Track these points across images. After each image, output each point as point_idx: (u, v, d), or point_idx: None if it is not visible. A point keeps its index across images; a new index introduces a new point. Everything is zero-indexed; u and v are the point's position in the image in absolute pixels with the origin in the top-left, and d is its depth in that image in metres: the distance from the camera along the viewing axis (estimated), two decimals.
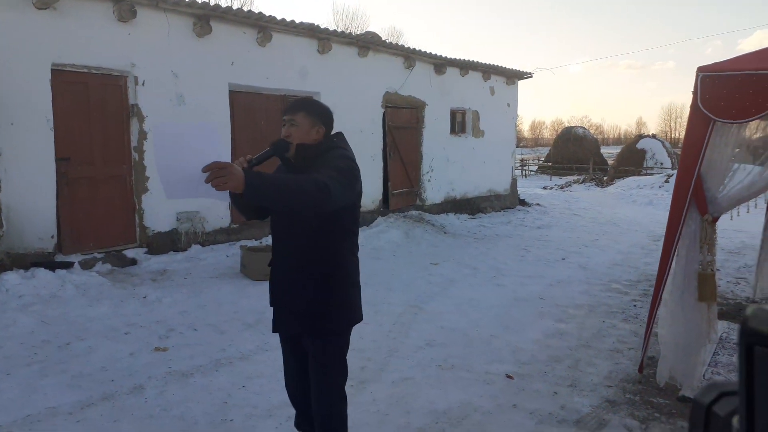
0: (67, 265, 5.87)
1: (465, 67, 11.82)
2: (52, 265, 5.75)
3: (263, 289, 3.00)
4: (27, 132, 6.00)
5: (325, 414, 2.42)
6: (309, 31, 8.61)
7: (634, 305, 5.49)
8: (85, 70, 6.55)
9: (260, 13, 7.96)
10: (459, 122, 12.31)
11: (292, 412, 2.67)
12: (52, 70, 6.23)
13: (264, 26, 8.01)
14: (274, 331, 2.49)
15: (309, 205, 2.07)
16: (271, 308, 2.49)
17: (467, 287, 6.09)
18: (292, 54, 8.60)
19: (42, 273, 5.48)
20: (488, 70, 12.53)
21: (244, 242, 7.55)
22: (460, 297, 5.68)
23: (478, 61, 12.01)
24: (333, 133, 2.45)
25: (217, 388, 3.46)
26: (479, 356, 4.08)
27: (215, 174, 1.85)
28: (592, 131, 41.93)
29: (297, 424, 2.67)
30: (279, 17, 8.07)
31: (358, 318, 2.46)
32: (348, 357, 2.47)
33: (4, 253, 5.75)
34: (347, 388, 2.48)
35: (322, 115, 2.41)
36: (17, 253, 5.85)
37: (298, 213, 2.27)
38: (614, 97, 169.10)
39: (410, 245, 8.34)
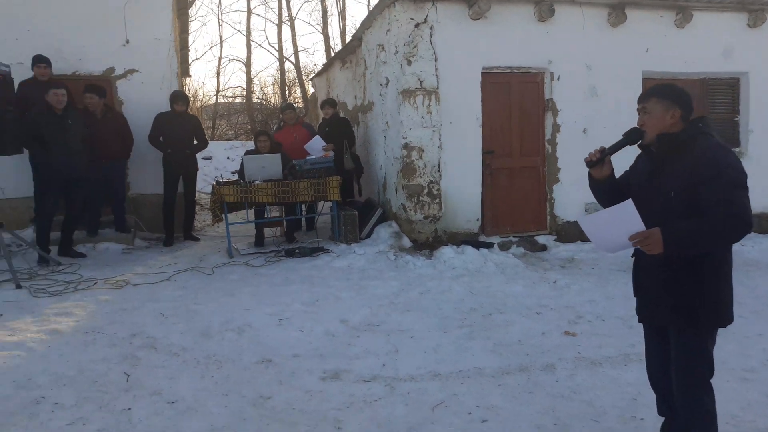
0: (488, 246, 6.69)
1: None
2: (476, 244, 6.64)
3: None
4: (462, 129, 7.01)
5: (689, 408, 2.33)
6: (738, 4, 7.56)
7: None
8: (508, 71, 7.24)
9: None
10: None
11: None
12: (482, 73, 7.09)
13: (684, 6, 7.41)
14: (639, 321, 2.54)
15: (730, 242, 2.21)
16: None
17: None
18: (715, 32, 7.69)
19: (469, 250, 6.40)
20: None
21: None
22: None
23: None
24: (695, 118, 2.35)
25: (626, 383, 3.46)
26: None
27: (641, 243, 2.19)
28: None
29: (659, 410, 2.63)
30: None
31: (727, 319, 2.30)
32: None
33: (442, 230, 6.94)
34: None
35: (675, 97, 2.33)
36: (451, 232, 6.97)
37: (662, 196, 2.31)
38: None
39: None
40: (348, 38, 14.46)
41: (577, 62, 7.36)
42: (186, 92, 10.28)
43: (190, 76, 14.63)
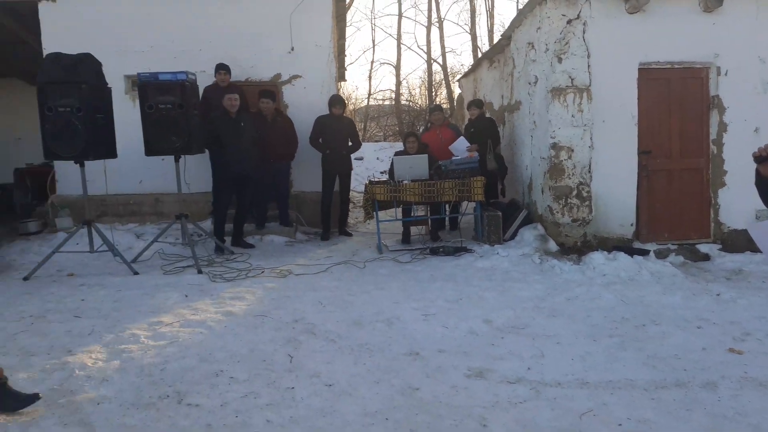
0: (643, 252, 6.35)
1: None
2: (630, 251, 6.34)
3: None
4: (615, 128, 6.73)
5: None
6: None
7: None
8: (668, 66, 6.82)
9: None
10: None
11: None
12: (638, 69, 6.74)
13: None
14: None
15: None
16: None
17: None
18: None
19: (622, 257, 6.12)
20: None
21: None
22: None
23: None
24: None
25: None
26: None
27: None
28: None
29: None
30: None
31: None
32: None
33: (592, 235, 6.72)
34: None
35: None
36: (602, 236, 6.73)
37: None
38: None
39: None
40: (496, 38, 14.37)
41: (749, 55, 6.74)
42: (342, 95, 10.89)
43: (345, 80, 15.42)
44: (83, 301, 5.24)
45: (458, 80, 16.26)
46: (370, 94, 25.92)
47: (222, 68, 7.67)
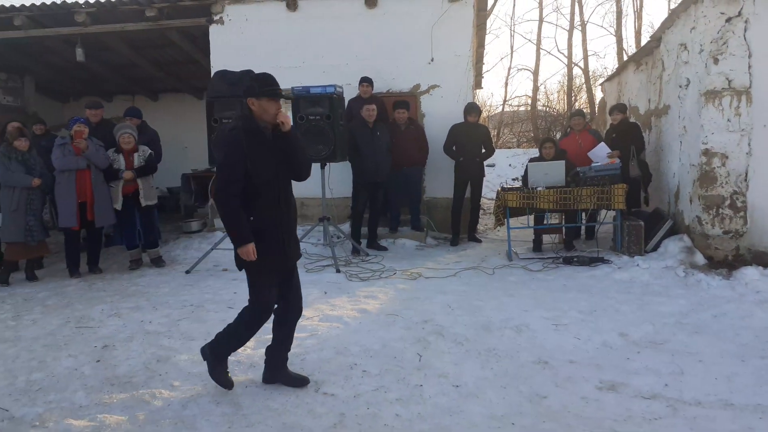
0: None
1: None
2: None
3: None
4: None
5: None
6: None
7: None
8: None
9: None
10: None
11: None
12: None
13: None
14: None
15: None
16: None
17: None
18: None
19: None
20: None
21: None
22: None
23: None
24: None
25: None
26: None
27: None
28: None
29: None
30: None
31: None
32: None
33: (746, 248, 6.17)
34: None
35: None
36: (758, 250, 6.15)
37: None
38: None
39: None
40: (644, 39, 13.58)
41: None
42: (477, 103, 10.95)
43: (482, 87, 15.45)
44: (235, 293, 5.83)
45: (601, 84, 15.58)
46: (505, 101, 25.62)
47: (365, 81, 8.10)
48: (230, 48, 8.87)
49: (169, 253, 7.88)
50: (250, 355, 4.15)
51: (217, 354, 3.60)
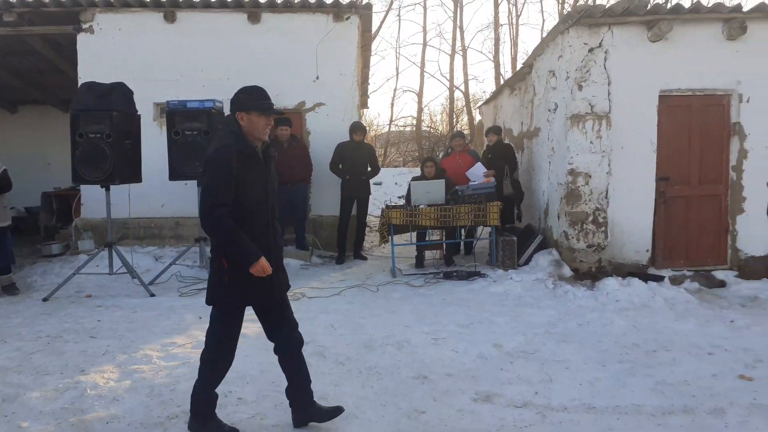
0: (658, 279, 6.28)
1: None
2: (644, 277, 6.29)
3: None
4: (633, 154, 6.73)
5: None
6: None
7: None
8: (689, 93, 6.81)
9: None
10: None
11: None
12: (659, 96, 6.75)
13: None
14: None
15: None
16: None
17: None
18: None
19: (636, 282, 6.08)
20: None
21: None
22: None
23: None
24: None
25: None
26: None
27: None
28: None
29: None
30: None
31: None
32: None
33: (607, 261, 6.68)
34: None
35: None
36: (617, 262, 6.68)
37: None
38: None
39: None
40: (519, 65, 14.46)
41: None
42: (363, 122, 11.06)
43: (368, 107, 15.68)
44: (99, 321, 5.38)
45: (479, 107, 16.39)
46: (391, 121, 26.26)
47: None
48: (100, 59, 8.32)
49: (25, 280, 7.15)
50: (114, 388, 3.82)
51: (199, 415, 3.23)
